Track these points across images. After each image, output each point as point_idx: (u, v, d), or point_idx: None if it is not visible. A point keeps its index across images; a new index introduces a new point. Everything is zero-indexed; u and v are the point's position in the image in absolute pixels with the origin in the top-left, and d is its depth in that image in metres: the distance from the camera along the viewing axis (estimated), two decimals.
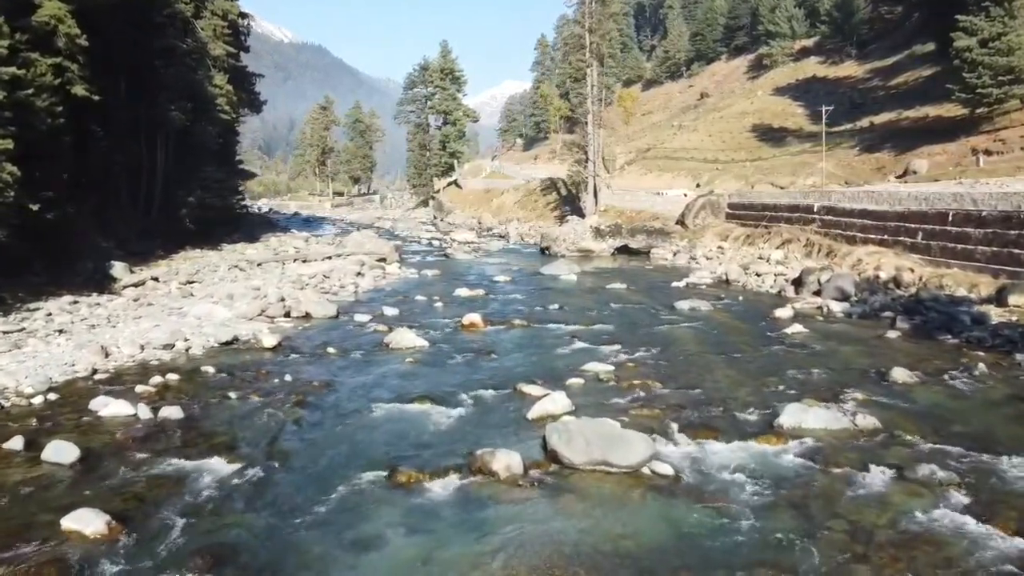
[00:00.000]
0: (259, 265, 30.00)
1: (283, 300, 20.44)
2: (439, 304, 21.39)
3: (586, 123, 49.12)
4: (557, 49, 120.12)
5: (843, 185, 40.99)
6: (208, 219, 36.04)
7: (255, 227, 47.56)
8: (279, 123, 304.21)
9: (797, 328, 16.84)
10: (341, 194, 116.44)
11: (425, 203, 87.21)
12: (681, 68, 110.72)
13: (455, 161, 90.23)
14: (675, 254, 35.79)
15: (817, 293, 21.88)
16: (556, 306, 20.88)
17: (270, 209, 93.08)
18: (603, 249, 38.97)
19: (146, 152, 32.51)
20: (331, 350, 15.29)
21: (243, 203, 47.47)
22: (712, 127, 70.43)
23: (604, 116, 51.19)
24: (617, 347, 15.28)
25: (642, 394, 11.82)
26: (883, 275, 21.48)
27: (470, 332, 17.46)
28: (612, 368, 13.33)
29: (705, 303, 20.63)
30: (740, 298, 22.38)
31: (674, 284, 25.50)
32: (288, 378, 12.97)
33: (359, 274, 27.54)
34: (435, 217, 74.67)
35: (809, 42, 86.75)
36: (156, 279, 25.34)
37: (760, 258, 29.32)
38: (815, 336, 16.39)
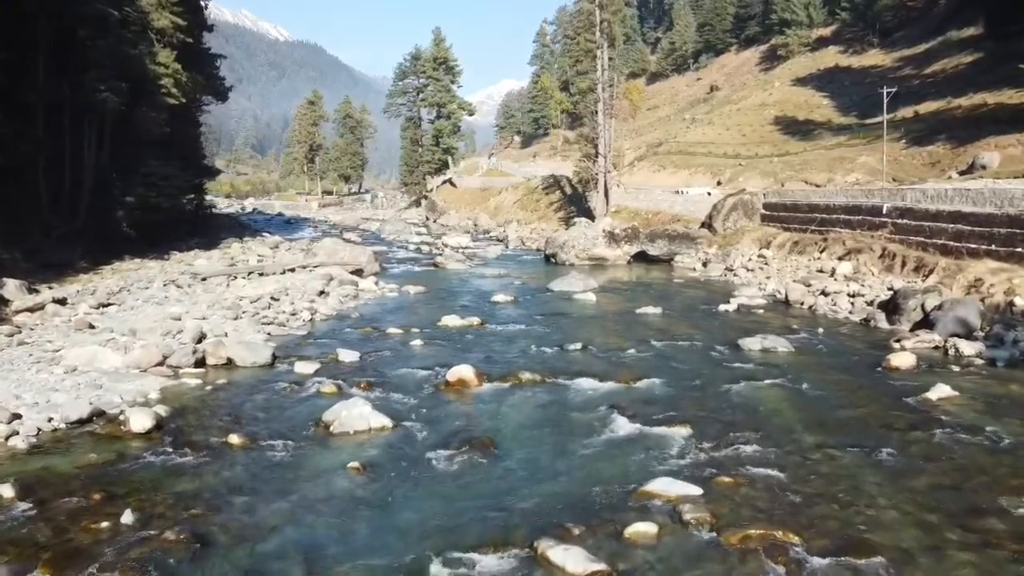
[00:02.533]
0: (203, 280, 24.27)
1: (203, 339, 14.83)
2: (417, 341, 15.72)
3: (595, 112, 43.31)
4: (557, 42, 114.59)
5: (891, 183, 35.54)
6: (153, 222, 30.35)
7: (221, 231, 41.85)
8: (273, 121, 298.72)
9: (943, 391, 11.29)
10: (330, 193, 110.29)
11: (417, 203, 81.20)
12: (688, 60, 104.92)
13: (449, 158, 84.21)
14: (705, 264, 30.30)
15: (922, 324, 16.39)
16: (577, 345, 15.27)
17: (254, 209, 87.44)
18: (618, 257, 33.45)
19: (71, 141, 26.82)
20: (235, 440, 9.61)
21: (202, 203, 41.59)
22: (729, 120, 64.64)
23: (616, 106, 45.28)
24: (687, 432, 9.70)
25: (780, 572, 6.22)
26: (1020, 301, 15.92)
27: (457, 396, 11.85)
28: (699, 492, 7.71)
29: (780, 341, 15.11)
30: (820, 330, 16.83)
31: (721, 307, 20.01)
32: (130, 518, 7.29)
33: (322, 293, 21.79)
34: (427, 218, 68.83)
35: (827, 31, 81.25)
36: (62, 301, 19.68)
37: (820, 271, 23.80)
38: (974, 405, 10.90)
